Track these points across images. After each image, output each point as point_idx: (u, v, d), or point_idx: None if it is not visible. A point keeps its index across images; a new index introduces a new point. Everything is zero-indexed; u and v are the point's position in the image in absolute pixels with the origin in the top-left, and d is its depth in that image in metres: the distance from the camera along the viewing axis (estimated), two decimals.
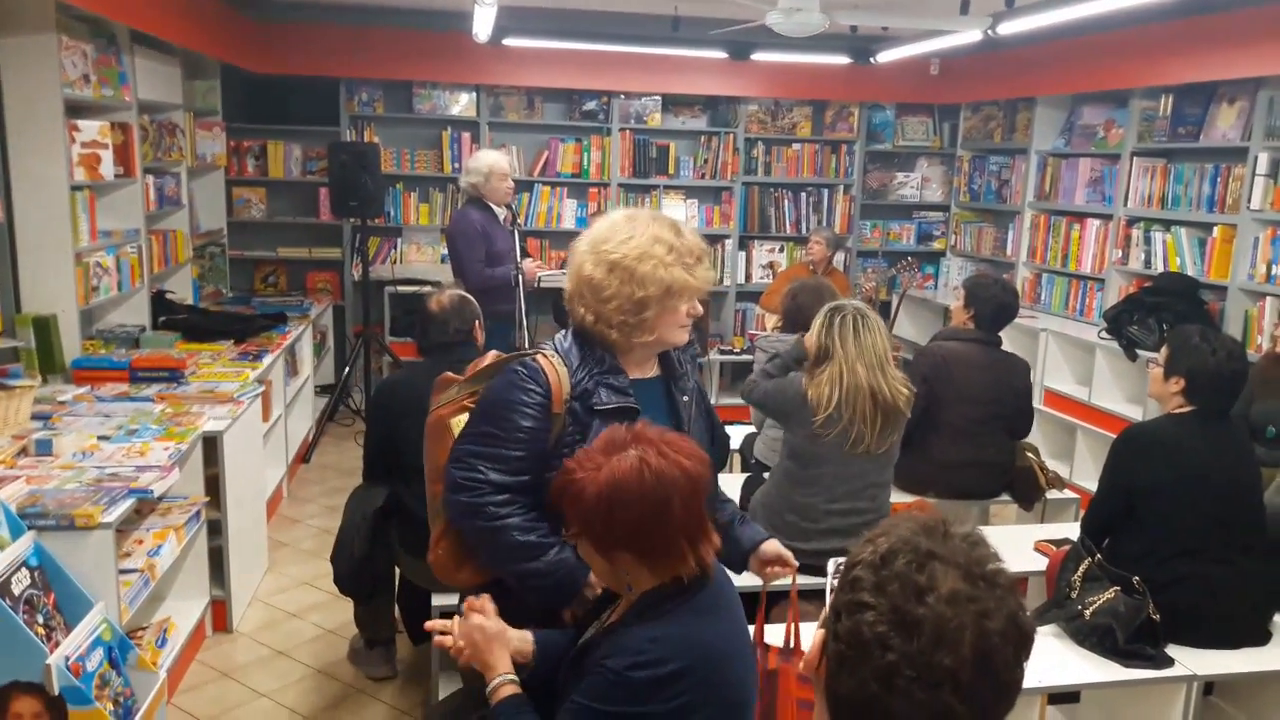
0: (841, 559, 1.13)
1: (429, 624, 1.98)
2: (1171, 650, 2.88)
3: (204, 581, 3.85)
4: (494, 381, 2.18)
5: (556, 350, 2.18)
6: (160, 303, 5.30)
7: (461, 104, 7.13)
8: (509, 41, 6.32)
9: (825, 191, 7.73)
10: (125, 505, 2.97)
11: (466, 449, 2.12)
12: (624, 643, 1.72)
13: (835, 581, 1.11)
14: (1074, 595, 2.99)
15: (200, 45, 5.44)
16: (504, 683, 1.84)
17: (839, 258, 7.36)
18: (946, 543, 1.07)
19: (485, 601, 1.96)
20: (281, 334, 5.45)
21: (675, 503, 1.70)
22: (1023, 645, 1.05)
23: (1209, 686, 3.30)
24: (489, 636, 1.89)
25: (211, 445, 3.81)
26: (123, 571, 3.06)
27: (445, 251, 7.10)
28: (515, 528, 2.08)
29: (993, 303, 4.14)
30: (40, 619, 2.61)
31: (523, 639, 1.94)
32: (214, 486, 3.86)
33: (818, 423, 3.17)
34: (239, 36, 6.27)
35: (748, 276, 7.70)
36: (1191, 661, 2.85)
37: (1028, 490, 4.14)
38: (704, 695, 1.69)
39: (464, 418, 2.21)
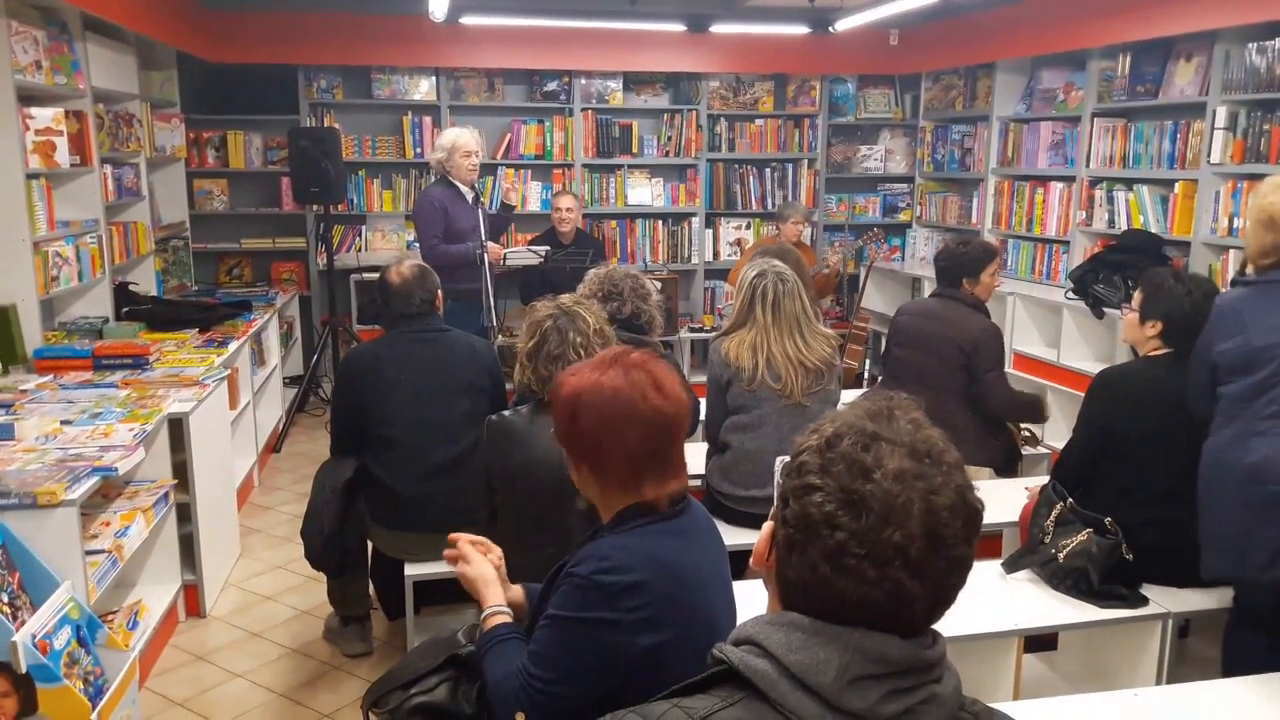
0: (787, 456, 1.12)
1: (454, 538, 2.03)
2: (1146, 590, 2.90)
3: (175, 566, 3.80)
4: None
5: None
6: (123, 294, 5.23)
7: (422, 89, 7.08)
8: (466, 20, 6.26)
9: (790, 166, 7.73)
10: (89, 483, 2.92)
11: None
12: (589, 551, 1.74)
13: (782, 477, 1.11)
14: (1047, 540, 3.00)
15: (154, 32, 5.36)
16: (495, 612, 1.89)
17: (806, 232, 7.37)
18: (891, 425, 1.07)
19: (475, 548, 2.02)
20: (247, 321, 5.39)
21: (631, 431, 1.74)
22: (971, 520, 1.05)
23: (1185, 629, 3.33)
24: (477, 578, 1.96)
25: (178, 429, 3.77)
26: (90, 553, 3.01)
27: (410, 237, 7.08)
28: None
29: (940, 258, 4.25)
30: (5, 597, 2.57)
31: (515, 592, 2.01)
32: (182, 471, 3.82)
33: (744, 381, 3.33)
34: (194, 24, 6.19)
35: (716, 254, 7.70)
36: (1166, 600, 2.88)
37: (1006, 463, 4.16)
38: (669, 613, 1.69)
39: None
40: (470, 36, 6.78)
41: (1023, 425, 4.22)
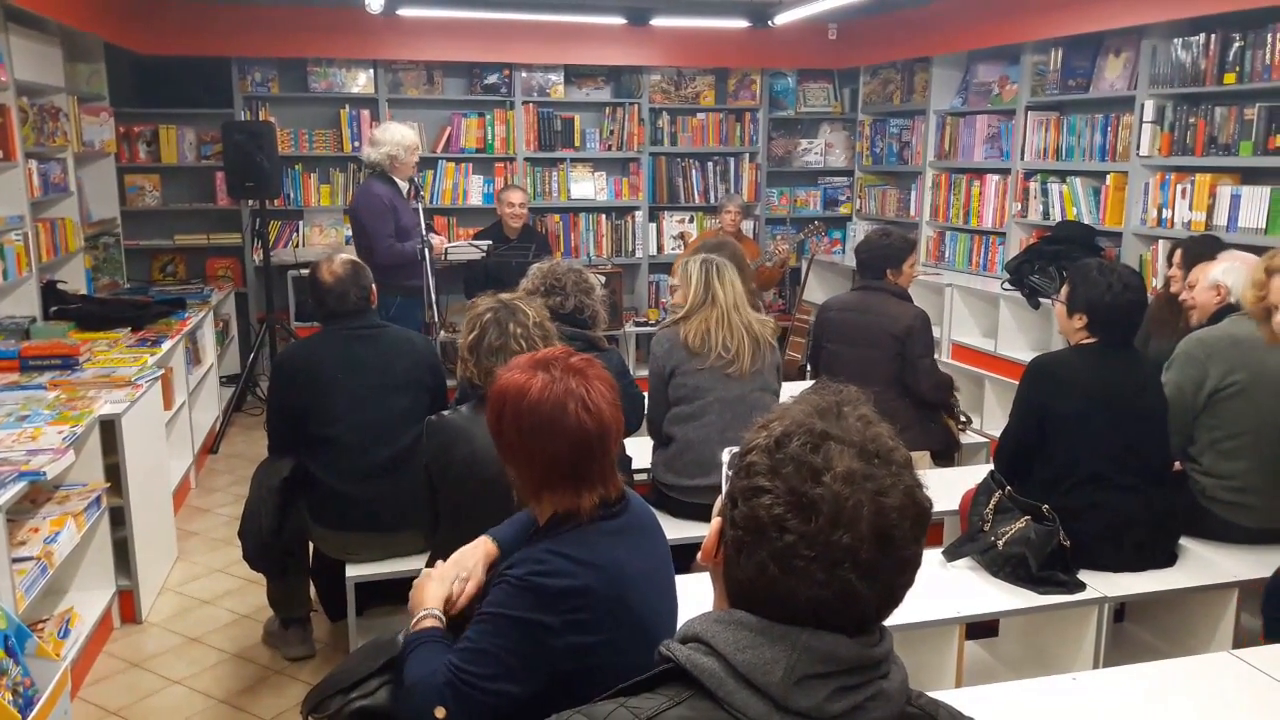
0: (735, 448, 1.11)
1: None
2: (1082, 575, 2.95)
3: (109, 571, 3.71)
4: None
5: None
6: (51, 293, 5.09)
7: (359, 82, 6.98)
8: (404, 11, 6.18)
9: (732, 160, 7.75)
10: (15, 488, 2.84)
11: None
12: (525, 554, 1.73)
13: (730, 471, 1.10)
14: (986, 528, 3.04)
15: (79, 22, 5.21)
16: (426, 615, 1.86)
17: (747, 225, 7.41)
18: (841, 423, 1.06)
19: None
20: (181, 320, 5.27)
21: (552, 443, 1.72)
22: (920, 520, 1.05)
23: (1120, 613, 3.39)
24: (420, 583, 1.93)
25: (110, 430, 3.68)
26: (17, 560, 2.93)
27: (349, 233, 6.97)
28: None
29: (862, 251, 4.30)
30: None
31: (487, 543, 1.98)
32: (115, 474, 3.72)
33: (695, 359, 3.36)
34: (122, 14, 6.02)
35: (659, 248, 7.69)
36: (1102, 585, 2.92)
37: (945, 449, 4.21)
38: (606, 615, 1.69)
39: None
40: (408, 28, 6.69)
41: (957, 409, 4.29)
